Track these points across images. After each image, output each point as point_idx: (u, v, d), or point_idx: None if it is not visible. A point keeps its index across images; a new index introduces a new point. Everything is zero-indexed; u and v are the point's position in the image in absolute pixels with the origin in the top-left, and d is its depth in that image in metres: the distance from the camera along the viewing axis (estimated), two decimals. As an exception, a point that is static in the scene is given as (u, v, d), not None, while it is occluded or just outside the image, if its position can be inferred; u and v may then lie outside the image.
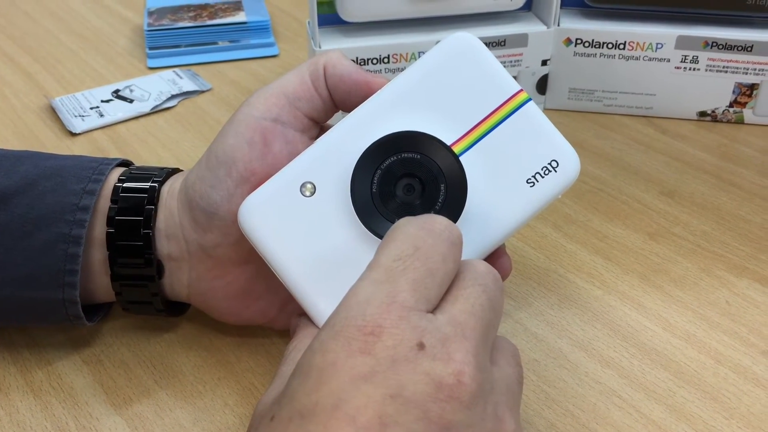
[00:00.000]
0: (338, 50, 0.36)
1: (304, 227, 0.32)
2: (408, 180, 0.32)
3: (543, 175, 0.33)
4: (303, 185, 0.32)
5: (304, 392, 0.25)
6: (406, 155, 0.31)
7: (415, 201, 0.32)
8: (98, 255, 0.36)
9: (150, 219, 0.35)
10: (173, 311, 0.38)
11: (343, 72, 0.34)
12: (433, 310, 0.27)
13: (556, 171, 0.33)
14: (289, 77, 0.34)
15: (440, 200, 0.32)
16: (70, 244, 0.35)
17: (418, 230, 0.28)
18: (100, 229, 0.36)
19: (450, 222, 0.29)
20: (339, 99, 0.34)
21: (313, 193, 0.32)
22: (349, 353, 0.25)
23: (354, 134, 0.32)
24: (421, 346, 0.25)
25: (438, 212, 0.32)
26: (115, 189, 0.36)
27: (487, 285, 0.28)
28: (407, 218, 0.29)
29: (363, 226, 0.31)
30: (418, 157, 0.31)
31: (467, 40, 0.33)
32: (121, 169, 0.38)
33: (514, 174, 0.33)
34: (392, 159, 0.31)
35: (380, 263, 0.27)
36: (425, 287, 0.27)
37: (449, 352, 0.25)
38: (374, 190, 0.31)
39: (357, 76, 0.34)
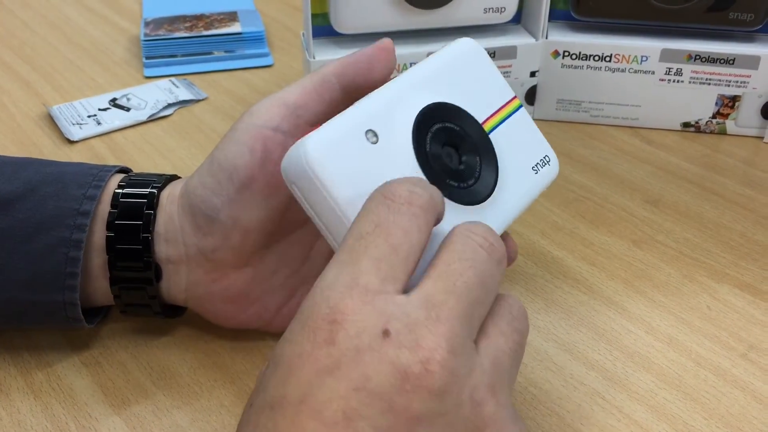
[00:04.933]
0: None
1: (367, 175, 0.30)
2: (449, 148, 0.33)
3: (542, 165, 0.37)
4: (368, 131, 0.31)
5: (274, 384, 0.25)
6: (448, 125, 0.33)
7: (459, 167, 0.33)
8: (97, 259, 0.37)
9: (149, 223, 0.36)
10: (170, 314, 0.40)
11: (348, 59, 0.35)
12: (408, 290, 0.26)
13: (549, 164, 0.37)
14: (291, 87, 0.35)
15: (477, 171, 0.33)
16: (70, 248, 0.36)
17: (377, 204, 0.27)
18: (99, 233, 0.37)
19: (413, 182, 0.27)
20: (355, 87, 0.35)
21: (375, 142, 0.31)
22: (314, 344, 0.24)
23: (401, 97, 0.33)
24: (386, 333, 0.24)
25: (477, 182, 0.33)
26: (115, 195, 0.37)
27: (476, 259, 0.27)
28: (374, 191, 0.28)
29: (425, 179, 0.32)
30: (458, 129, 0.33)
31: (473, 44, 0.36)
32: (120, 176, 0.39)
33: (523, 161, 0.36)
34: (438, 125, 0.33)
35: (345, 242, 0.26)
36: (389, 266, 0.25)
37: (417, 338, 0.24)
38: (428, 150, 0.32)
39: (359, 54, 0.35)
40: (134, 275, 0.37)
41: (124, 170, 0.40)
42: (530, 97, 0.61)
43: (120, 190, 0.37)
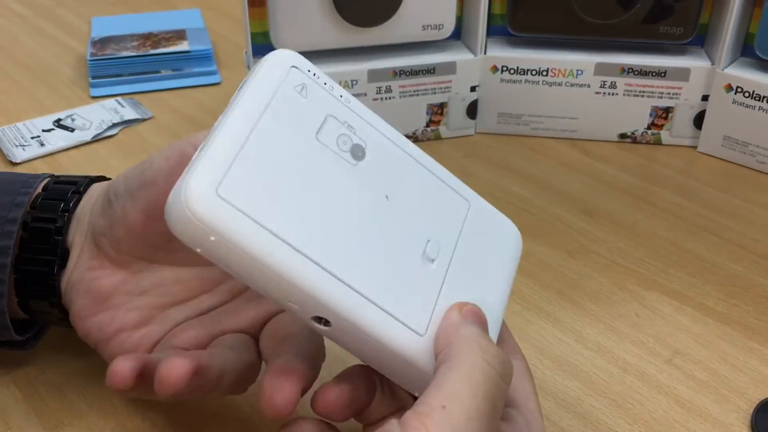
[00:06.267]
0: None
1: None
2: None
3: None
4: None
5: None
6: None
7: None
8: None
9: (65, 211, 0.36)
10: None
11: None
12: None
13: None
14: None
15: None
16: None
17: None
18: None
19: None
20: None
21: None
22: None
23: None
24: None
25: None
26: (36, 197, 0.37)
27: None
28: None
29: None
30: None
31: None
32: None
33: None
34: None
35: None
36: None
37: None
38: None
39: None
40: (37, 269, 0.36)
41: (51, 176, 0.40)
42: (471, 111, 0.62)
43: (44, 192, 0.37)
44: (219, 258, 0.26)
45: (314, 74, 0.30)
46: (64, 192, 0.37)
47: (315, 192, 0.28)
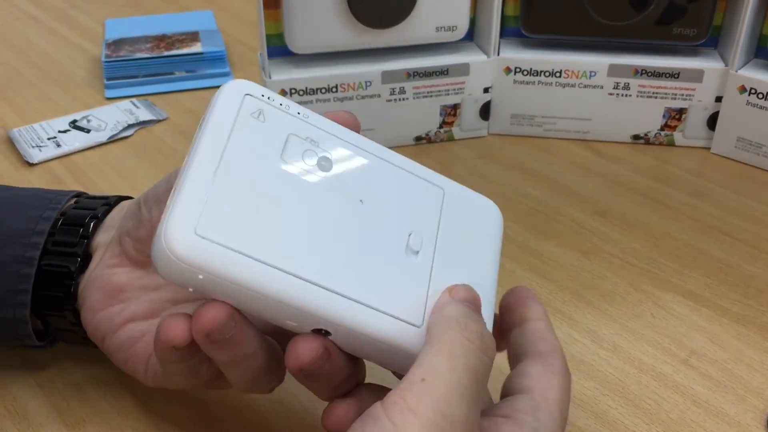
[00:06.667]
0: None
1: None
2: None
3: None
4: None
5: None
6: None
7: None
8: None
9: (84, 242, 0.37)
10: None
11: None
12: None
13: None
14: None
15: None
16: (23, 265, 0.36)
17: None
18: None
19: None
20: None
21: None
22: None
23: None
24: None
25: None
26: (56, 221, 0.38)
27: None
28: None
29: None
30: None
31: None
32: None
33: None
34: None
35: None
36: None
37: None
38: None
39: None
40: (60, 264, 0.37)
41: (80, 195, 0.41)
42: (485, 112, 0.62)
43: (75, 203, 0.39)
44: (211, 293, 0.27)
45: (268, 97, 0.31)
46: (94, 206, 0.38)
47: (290, 211, 0.29)
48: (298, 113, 0.31)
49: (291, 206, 0.29)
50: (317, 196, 0.29)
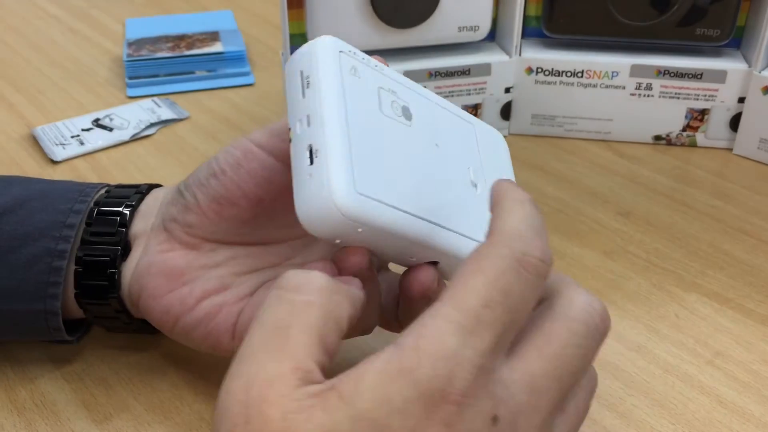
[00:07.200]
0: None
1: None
2: None
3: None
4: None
5: None
6: None
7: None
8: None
9: (123, 231, 0.37)
10: (143, 328, 0.39)
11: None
12: (508, 354, 0.26)
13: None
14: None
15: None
16: (54, 258, 0.37)
17: (509, 268, 0.26)
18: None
19: (544, 250, 0.27)
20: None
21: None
22: (430, 422, 0.23)
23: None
24: (495, 419, 0.24)
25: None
26: (90, 211, 0.38)
27: (590, 347, 0.28)
28: (499, 238, 0.27)
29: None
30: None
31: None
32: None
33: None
34: None
35: (468, 305, 0.25)
36: (507, 340, 0.26)
37: (517, 428, 0.25)
38: None
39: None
40: (101, 254, 0.37)
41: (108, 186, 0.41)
42: (506, 112, 0.62)
43: (106, 193, 0.39)
44: (359, 242, 0.30)
45: (355, 53, 0.32)
46: (126, 195, 0.39)
47: (407, 162, 0.31)
48: (376, 66, 0.33)
49: (406, 157, 0.31)
50: (413, 145, 0.32)
